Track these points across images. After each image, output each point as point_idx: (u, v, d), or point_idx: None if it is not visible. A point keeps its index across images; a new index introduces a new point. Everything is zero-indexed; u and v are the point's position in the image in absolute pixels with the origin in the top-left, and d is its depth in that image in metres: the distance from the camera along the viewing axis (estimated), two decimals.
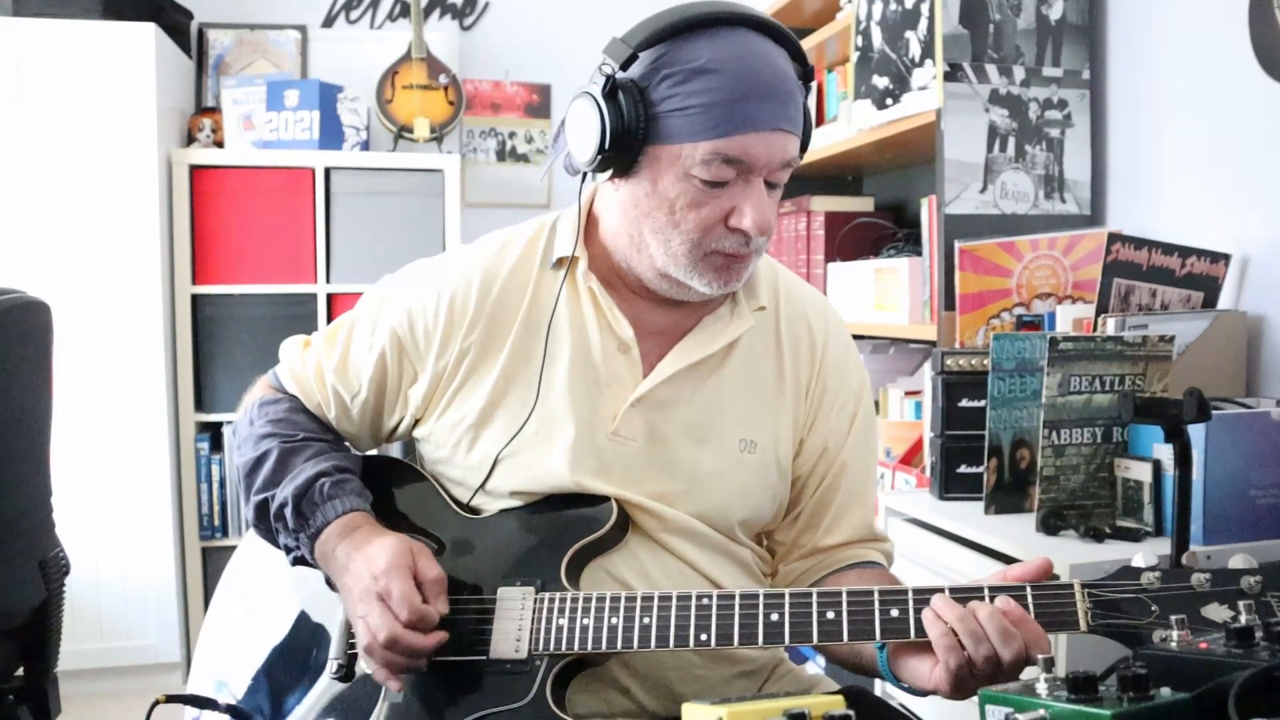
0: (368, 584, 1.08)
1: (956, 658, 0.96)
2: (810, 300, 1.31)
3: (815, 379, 1.26)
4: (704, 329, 1.22)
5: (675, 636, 1.05)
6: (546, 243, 1.25)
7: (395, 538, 1.12)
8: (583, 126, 1.12)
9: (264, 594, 1.31)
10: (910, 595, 1.02)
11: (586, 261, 1.21)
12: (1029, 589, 0.99)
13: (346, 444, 1.31)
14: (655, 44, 1.09)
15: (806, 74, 1.15)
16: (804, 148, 1.18)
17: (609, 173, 1.14)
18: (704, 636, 1.05)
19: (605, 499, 1.16)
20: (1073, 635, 1.38)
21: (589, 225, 1.24)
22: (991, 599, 0.99)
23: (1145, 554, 0.98)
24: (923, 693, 1.04)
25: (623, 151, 1.11)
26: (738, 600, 1.05)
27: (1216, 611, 0.93)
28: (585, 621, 1.08)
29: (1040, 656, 0.88)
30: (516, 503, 1.20)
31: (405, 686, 1.11)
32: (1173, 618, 0.92)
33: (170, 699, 1.20)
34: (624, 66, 1.10)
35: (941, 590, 1.01)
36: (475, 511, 1.23)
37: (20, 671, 1.75)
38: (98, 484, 3.09)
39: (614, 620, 1.07)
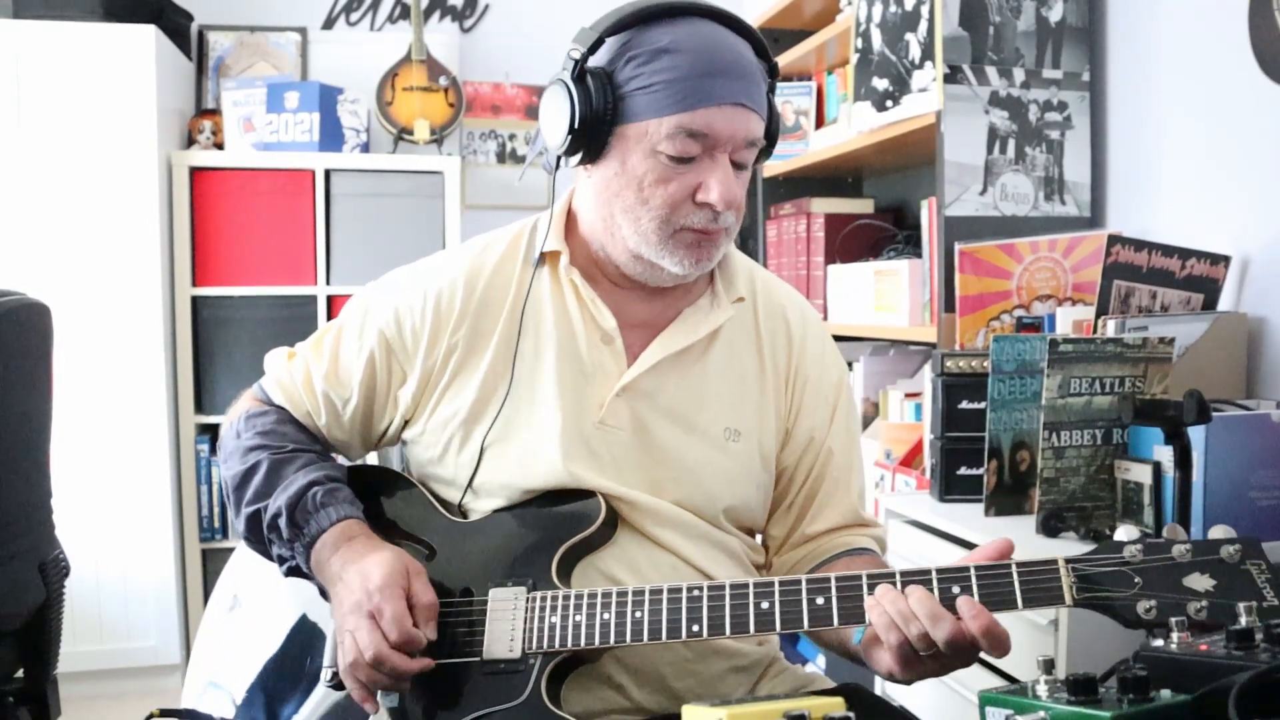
0: (360, 599, 1.08)
1: (896, 636, 0.98)
2: (787, 295, 1.34)
3: (795, 370, 1.28)
4: (685, 319, 1.24)
5: (667, 629, 1.06)
6: (528, 241, 1.27)
7: (392, 553, 1.12)
8: (555, 112, 1.16)
9: (261, 600, 1.31)
10: (898, 578, 1.03)
11: (568, 256, 1.23)
12: (1014, 566, 1.00)
13: (334, 455, 1.31)
14: (620, 30, 1.14)
15: (772, 70, 1.20)
16: (772, 141, 1.22)
17: (579, 156, 1.17)
18: (695, 628, 1.05)
19: (593, 495, 1.17)
20: (1072, 634, 1.39)
21: (569, 222, 1.26)
22: (978, 579, 1.00)
23: (1128, 529, 0.99)
24: (888, 678, 1.05)
25: (592, 133, 1.14)
26: (728, 590, 1.06)
27: (1198, 581, 0.95)
28: (577, 618, 1.08)
29: (1041, 659, 0.88)
30: (505, 500, 1.20)
31: (399, 691, 1.11)
32: (1172, 620, 0.92)
33: (164, 713, 1.19)
34: (591, 52, 1.14)
35: (927, 572, 1.02)
36: (465, 514, 1.23)
37: (20, 673, 1.75)
38: (98, 486, 3.09)
39: (605, 616, 1.08)
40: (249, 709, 1.21)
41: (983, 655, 0.99)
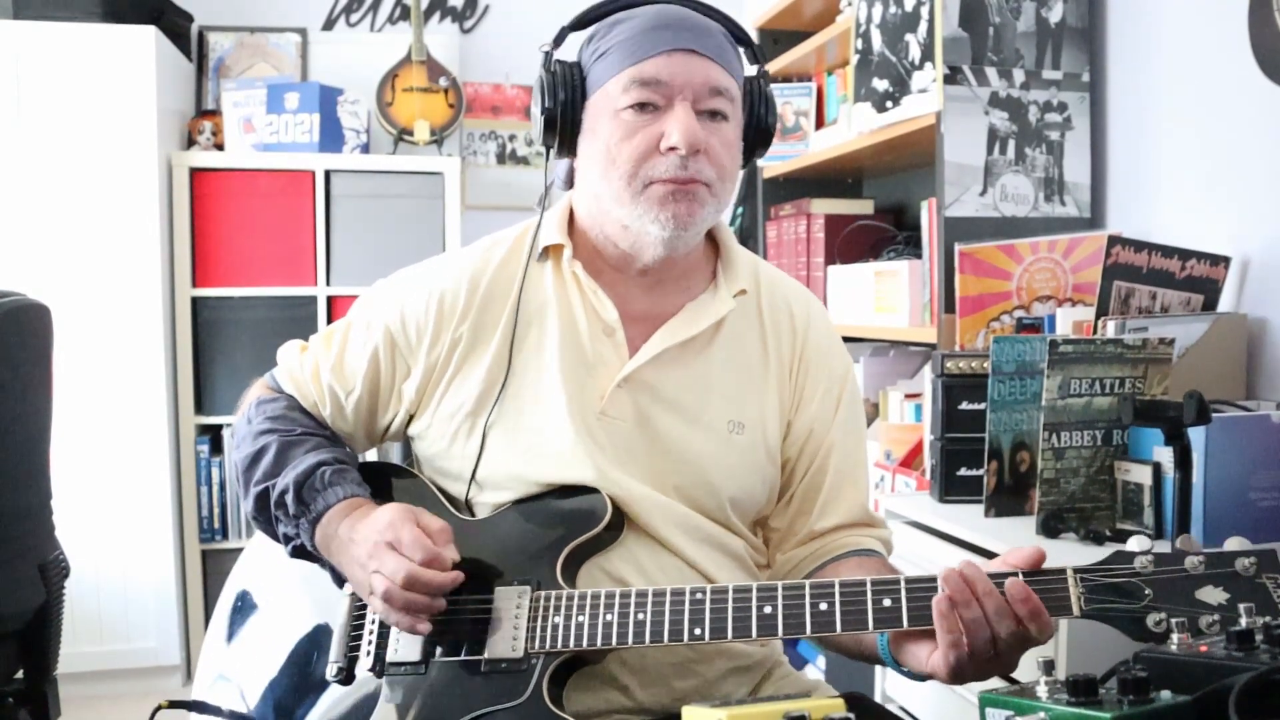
0: (375, 539, 1.10)
1: (956, 653, 0.97)
2: (790, 287, 1.35)
3: (799, 361, 1.29)
4: (686, 313, 1.24)
5: (670, 631, 1.06)
6: (532, 239, 1.28)
7: (394, 504, 1.14)
8: (535, 104, 1.22)
9: (273, 598, 1.31)
10: (903, 584, 1.02)
11: (570, 249, 1.24)
12: (1020, 575, 0.99)
13: (343, 443, 1.32)
14: (589, 24, 1.22)
15: (754, 54, 1.24)
16: (765, 129, 1.25)
17: (560, 143, 1.21)
18: (698, 631, 1.05)
19: (599, 495, 1.17)
20: (1073, 635, 1.39)
21: (572, 219, 1.28)
22: None
23: (1139, 539, 0.98)
24: (923, 677, 1.04)
25: (565, 114, 1.20)
26: (731, 594, 1.06)
27: (1211, 594, 0.93)
28: (580, 619, 1.09)
29: (1041, 660, 0.88)
30: (513, 494, 1.21)
31: (402, 688, 1.11)
32: (1173, 620, 0.92)
33: (172, 704, 1.19)
34: (557, 44, 1.22)
35: (933, 579, 1.01)
36: (471, 511, 1.24)
37: (20, 674, 1.75)
38: (98, 486, 3.09)
39: (609, 617, 1.08)
40: (261, 711, 1.21)
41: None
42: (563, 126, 1.20)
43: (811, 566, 1.26)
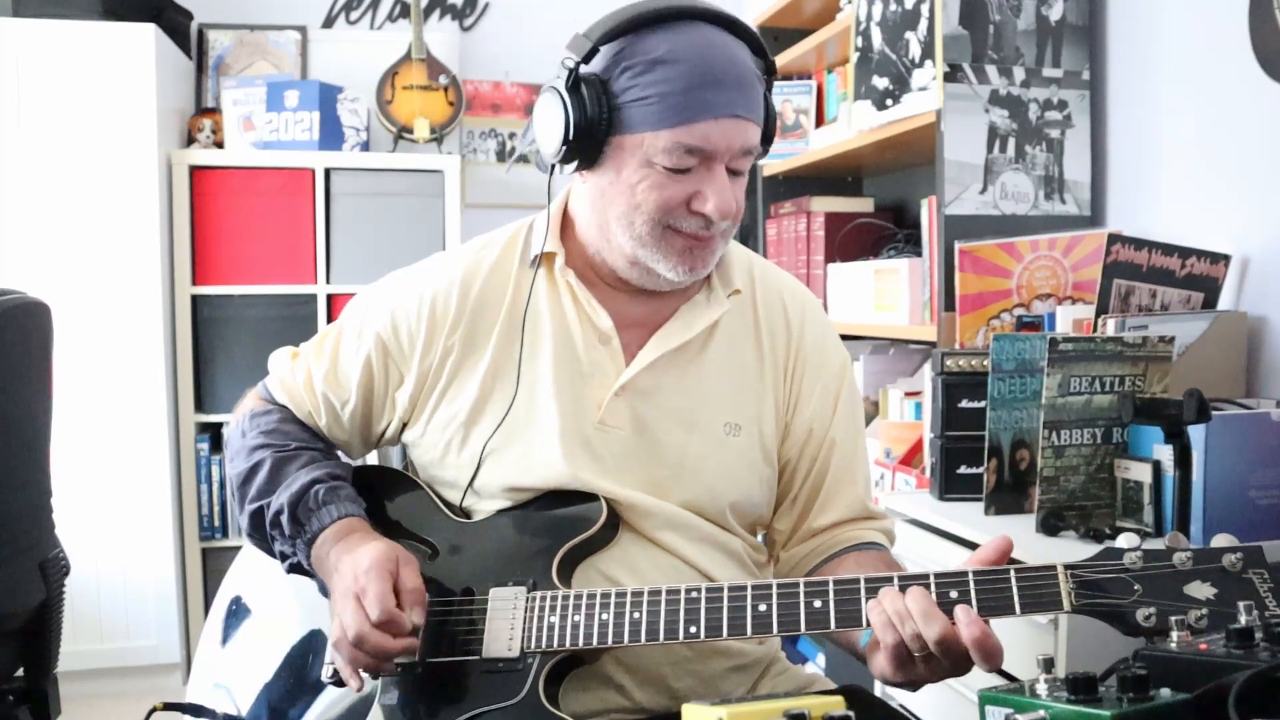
0: (349, 583, 1.09)
1: (892, 636, 0.98)
2: (785, 283, 1.33)
3: (794, 359, 1.28)
4: (680, 317, 1.24)
5: (665, 630, 1.06)
6: (524, 242, 1.27)
7: (384, 543, 1.13)
8: (549, 120, 1.15)
9: (269, 607, 1.31)
10: (895, 582, 1.02)
11: (564, 257, 1.23)
12: (1013, 572, 1.00)
13: (338, 453, 1.32)
14: (616, 38, 1.13)
15: (769, 69, 1.19)
16: (768, 140, 1.21)
17: (574, 164, 1.16)
18: (693, 629, 1.06)
19: (595, 498, 1.17)
20: (1072, 633, 1.39)
21: (565, 223, 1.26)
22: (976, 585, 1.00)
23: (1129, 536, 0.98)
24: (883, 681, 1.05)
25: (587, 143, 1.14)
26: (726, 593, 1.06)
27: (1199, 589, 0.94)
28: (576, 619, 1.09)
29: (1041, 658, 0.88)
30: (508, 502, 1.21)
31: (397, 689, 1.11)
32: (1173, 619, 0.92)
33: (168, 707, 1.19)
34: (585, 60, 1.13)
35: (925, 576, 1.01)
36: (468, 515, 1.24)
37: (20, 672, 1.75)
38: (98, 484, 3.09)
39: (604, 616, 1.08)
40: (256, 709, 1.21)
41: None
42: (583, 153, 1.15)
43: (813, 563, 1.26)
